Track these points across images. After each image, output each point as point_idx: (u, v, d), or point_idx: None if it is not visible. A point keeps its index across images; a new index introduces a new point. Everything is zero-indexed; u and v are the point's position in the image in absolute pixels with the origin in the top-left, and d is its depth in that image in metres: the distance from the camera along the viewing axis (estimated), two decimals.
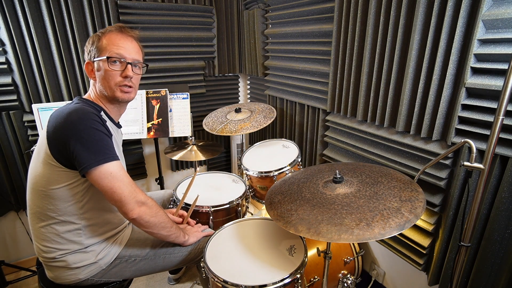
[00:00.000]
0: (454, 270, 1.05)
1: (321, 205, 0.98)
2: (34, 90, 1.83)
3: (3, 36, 1.69)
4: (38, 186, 1.01)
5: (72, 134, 0.93)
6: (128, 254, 1.19)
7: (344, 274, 1.52)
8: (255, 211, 2.49)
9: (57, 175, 0.99)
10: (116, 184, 0.96)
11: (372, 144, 1.54)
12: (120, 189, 0.97)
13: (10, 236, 2.03)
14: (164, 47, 2.21)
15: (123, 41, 1.08)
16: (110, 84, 1.07)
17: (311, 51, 1.87)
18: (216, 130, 1.87)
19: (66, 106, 1.02)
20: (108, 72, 1.06)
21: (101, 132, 0.97)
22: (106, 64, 1.05)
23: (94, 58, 1.07)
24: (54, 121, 0.97)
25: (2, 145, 1.81)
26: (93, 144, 0.94)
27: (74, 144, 0.93)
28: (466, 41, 1.07)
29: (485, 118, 1.05)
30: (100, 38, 1.07)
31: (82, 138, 0.93)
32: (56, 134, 0.95)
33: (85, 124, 0.95)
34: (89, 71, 1.10)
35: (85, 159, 0.93)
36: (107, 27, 1.11)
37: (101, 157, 0.95)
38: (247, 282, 1.01)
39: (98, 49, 1.06)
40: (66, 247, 1.06)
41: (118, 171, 0.98)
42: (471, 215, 0.95)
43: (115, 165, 0.97)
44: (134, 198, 1.00)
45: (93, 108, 1.04)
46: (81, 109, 0.98)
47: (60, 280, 1.09)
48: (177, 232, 1.18)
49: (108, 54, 1.05)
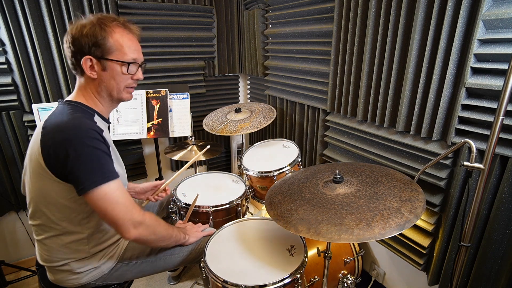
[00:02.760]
0: (454, 270, 1.05)
1: (321, 205, 0.98)
2: (34, 90, 1.83)
3: (3, 36, 1.69)
4: (39, 199, 0.98)
5: (70, 153, 0.88)
6: (129, 257, 1.19)
7: (344, 274, 1.52)
8: (255, 211, 2.49)
9: (58, 189, 0.95)
10: (109, 207, 0.92)
11: (372, 144, 1.54)
12: (113, 211, 0.92)
13: (10, 236, 2.03)
14: (164, 47, 2.21)
15: (134, 42, 1.03)
16: (120, 87, 1.03)
17: (311, 51, 1.87)
18: (216, 130, 1.87)
19: (60, 118, 0.94)
20: (122, 75, 1.01)
21: (99, 150, 0.92)
22: (122, 68, 1.00)
23: (101, 56, 0.97)
24: (51, 137, 0.91)
25: (2, 145, 1.81)
26: (89, 165, 0.90)
27: (71, 165, 0.89)
28: (466, 41, 1.07)
29: (485, 118, 1.05)
30: (105, 34, 0.96)
31: (79, 158, 0.89)
32: (53, 151, 0.90)
33: (84, 142, 0.90)
34: (89, 67, 0.97)
35: (81, 181, 0.89)
36: (104, 17, 0.98)
37: (96, 178, 0.90)
38: (247, 282, 1.01)
39: (106, 47, 0.97)
40: (71, 256, 1.04)
41: (113, 191, 0.92)
42: (471, 215, 0.95)
43: (111, 186, 0.92)
44: (129, 219, 0.95)
45: (88, 115, 1.00)
46: (79, 125, 0.92)
47: (62, 283, 1.08)
48: (177, 237, 1.17)
49: (125, 58, 0.99)
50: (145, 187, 1.45)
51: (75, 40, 0.95)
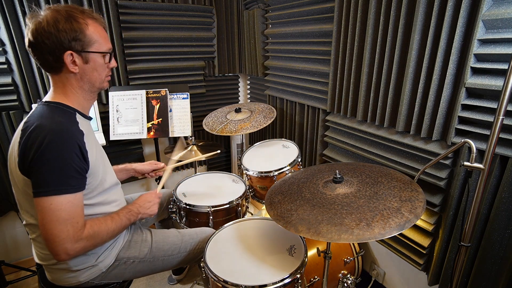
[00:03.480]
0: (454, 270, 1.05)
1: (321, 205, 0.98)
2: (34, 90, 1.83)
3: (3, 36, 1.69)
4: (22, 200, 0.98)
5: (39, 156, 0.86)
6: (126, 256, 1.18)
7: (344, 274, 1.52)
8: (255, 211, 2.49)
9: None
10: (47, 218, 0.87)
11: (372, 144, 1.54)
12: (50, 223, 0.88)
13: (10, 236, 2.03)
14: (164, 47, 2.21)
15: (104, 31, 1.03)
16: (102, 77, 1.04)
17: (311, 51, 1.87)
18: (216, 130, 1.87)
19: (40, 121, 0.91)
20: (103, 65, 1.03)
21: (68, 162, 0.89)
22: (104, 58, 1.02)
23: (81, 50, 0.95)
24: (28, 140, 0.88)
25: (2, 145, 1.81)
26: (49, 173, 0.88)
27: (36, 167, 0.87)
28: (466, 41, 1.07)
29: (485, 118, 1.05)
30: (81, 27, 0.94)
31: (45, 163, 0.87)
32: (28, 152, 0.88)
33: (57, 149, 0.88)
34: (71, 62, 0.94)
35: (36, 185, 0.88)
36: (71, 9, 0.95)
37: (50, 187, 0.88)
38: (247, 282, 1.01)
39: (86, 40, 0.95)
40: None
41: (60, 205, 0.88)
42: (471, 215, 0.95)
43: (60, 199, 0.88)
44: (61, 241, 0.89)
45: (69, 117, 0.98)
46: (58, 132, 0.89)
47: (60, 282, 1.08)
48: (126, 223, 1.10)
49: (104, 49, 1.01)
50: (144, 169, 1.47)
51: (51, 36, 0.90)
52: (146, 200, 1.20)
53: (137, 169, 1.45)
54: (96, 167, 1.00)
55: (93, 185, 1.02)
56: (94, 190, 1.02)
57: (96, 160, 1.00)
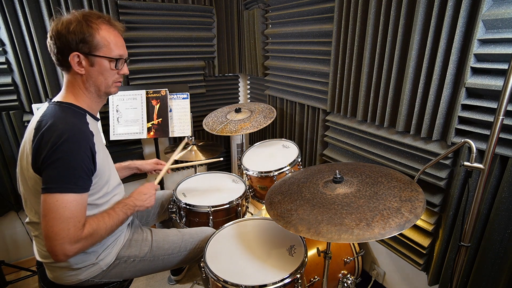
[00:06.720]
0: (454, 270, 1.05)
1: (321, 205, 0.98)
2: (34, 90, 1.83)
3: (3, 36, 1.69)
4: (29, 196, 0.99)
5: (52, 154, 0.88)
6: (127, 255, 1.19)
7: (344, 274, 1.52)
8: (255, 211, 2.49)
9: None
10: (50, 215, 0.88)
11: (372, 144, 1.54)
12: (53, 220, 0.88)
13: (10, 236, 2.03)
14: (164, 47, 2.21)
15: (120, 38, 1.05)
16: (108, 82, 1.05)
17: (311, 51, 1.87)
18: (216, 130, 1.87)
19: (54, 121, 0.93)
20: (110, 71, 1.04)
21: (79, 163, 0.92)
22: (110, 64, 1.03)
23: (88, 52, 0.98)
24: (42, 138, 0.90)
25: (2, 145, 1.81)
26: (60, 170, 0.90)
27: (47, 164, 0.89)
28: (466, 41, 1.07)
29: (485, 118, 1.05)
30: (92, 30, 0.97)
31: (57, 161, 0.89)
32: (42, 150, 0.90)
33: (70, 149, 0.90)
34: (76, 63, 0.98)
35: (45, 181, 0.90)
36: (89, 14, 1.00)
37: (59, 184, 0.89)
38: (247, 282, 1.01)
39: (93, 44, 0.98)
40: None
41: (65, 202, 0.89)
42: (471, 215, 0.95)
43: (65, 198, 0.89)
44: (61, 240, 0.89)
45: (80, 118, 1.00)
46: (73, 132, 0.92)
47: (61, 280, 1.08)
48: (124, 218, 1.09)
49: (113, 54, 1.02)
50: (147, 169, 1.48)
51: (62, 37, 0.96)
52: (141, 192, 1.19)
53: (140, 168, 1.47)
54: (103, 167, 1.02)
55: (100, 185, 1.03)
56: (101, 190, 1.04)
57: (103, 160, 1.03)
